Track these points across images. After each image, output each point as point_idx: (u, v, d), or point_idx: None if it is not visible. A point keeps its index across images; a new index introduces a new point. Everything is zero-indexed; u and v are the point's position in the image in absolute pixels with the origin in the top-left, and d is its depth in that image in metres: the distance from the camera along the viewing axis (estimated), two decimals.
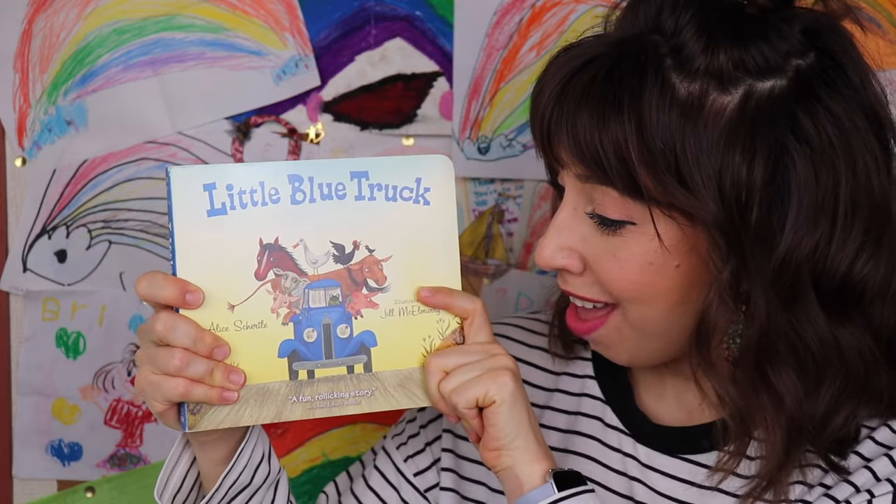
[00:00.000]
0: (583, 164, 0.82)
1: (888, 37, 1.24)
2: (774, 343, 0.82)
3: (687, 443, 0.92)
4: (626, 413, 0.96)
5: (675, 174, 0.79)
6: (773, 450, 0.84)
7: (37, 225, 1.29)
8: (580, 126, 0.81)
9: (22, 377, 1.31)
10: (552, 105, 0.83)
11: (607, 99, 0.80)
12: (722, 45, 0.80)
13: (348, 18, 1.26)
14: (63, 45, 1.26)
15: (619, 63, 0.81)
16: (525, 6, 1.25)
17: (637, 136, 0.79)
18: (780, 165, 0.79)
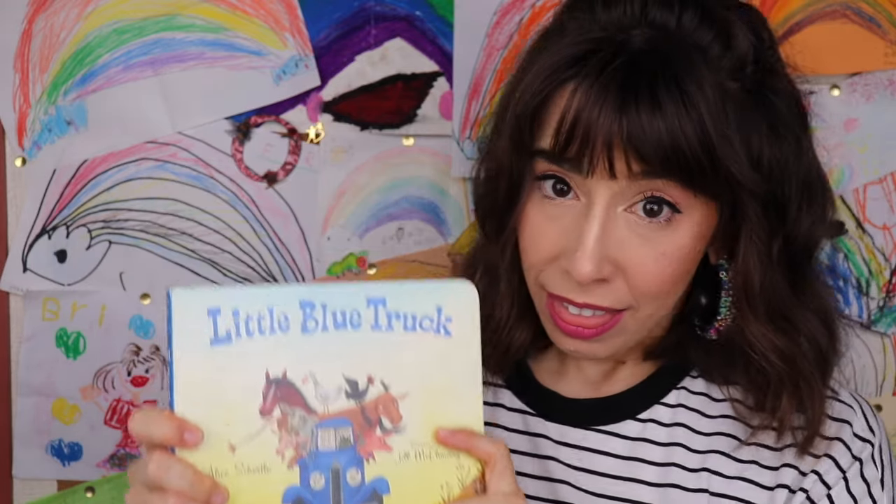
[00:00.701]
0: (649, 159, 0.81)
1: (888, 37, 1.24)
2: (791, 297, 0.89)
3: (601, 414, 0.94)
4: (530, 393, 0.97)
5: (745, 157, 0.83)
6: (820, 398, 0.90)
7: (37, 225, 1.29)
8: (663, 135, 0.80)
9: (22, 377, 1.31)
10: (614, 118, 0.80)
11: (679, 102, 0.80)
12: (731, 43, 0.85)
13: (348, 18, 1.26)
14: (63, 45, 1.26)
15: (670, 66, 0.81)
16: (525, 6, 1.25)
17: (714, 129, 0.81)
18: (777, 141, 0.86)
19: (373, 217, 1.29)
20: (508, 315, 0.94)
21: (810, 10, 1.24)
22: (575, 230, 0.85)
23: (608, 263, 0.84)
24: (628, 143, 0.80)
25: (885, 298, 1.28)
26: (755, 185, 0.83)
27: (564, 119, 0.82)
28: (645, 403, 0.95)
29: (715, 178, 0.82)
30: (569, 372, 0.97)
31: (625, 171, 0.82)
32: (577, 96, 0.82)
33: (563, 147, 0.83)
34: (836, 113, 1.25)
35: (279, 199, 1.29)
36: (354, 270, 1.30)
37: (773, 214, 0.86)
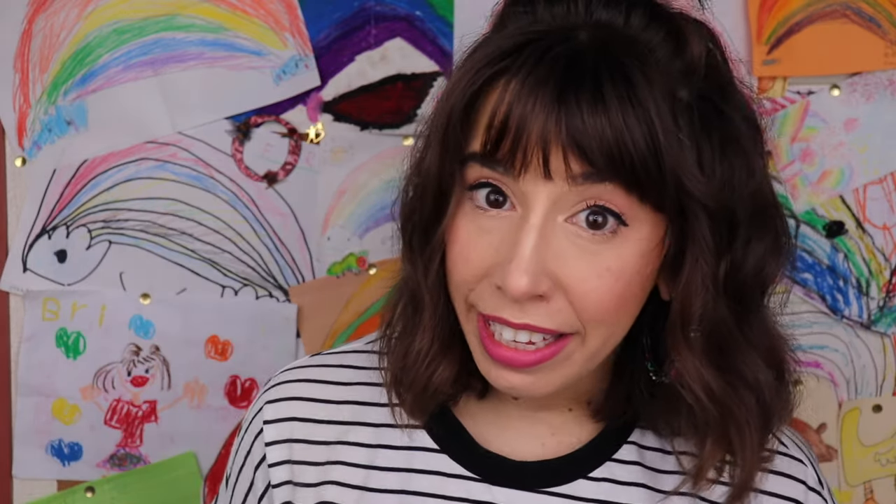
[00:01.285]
0: (591, 158, 0.73)
1: (888, 37, 1.24)
2: (735, 331, 0.80)
3: (550, 476, 0.86)
4: (471, 456, 0.87)
5: (690, 166, 0.75)
6: (753, 449, 0.82)
7: (37, 225, 1.29)
8: (606, 131, 0.72)
9: (22, 377, 1.31)
10: (552, 112, 0.73)
11: (626, 100, 0.73)
12: (683, 47, 0.79)
13: (348, 18, 1.26)
14: (63, 45, 1.26)
15: (617, 62, 0.75)
16: None
17: (663, 131, 0.74)
18: (728, 159, 0.79)
19: (373, 217, 1.29)
20: (430, 347, 0.84)
21: (810, 10, 1.24)
22: (509, 241, 0.76)
23: (546, 278, 0.75)
24: (567, 138, 0.72)
25: (885, 298, 1.28)
26: (705, 196, 0.75)
27: (496, 113, 0.75)
28: (597, 461, 0.87)
29: (662, 185, 0.74)
30: (510, 431, 0.88)
31: (562, 170, 0.74)
32: (511, 88, 0.74)
33: (493, 144, 0.75)
34: (836, 113, 1.25)
35: (279, 199, 1.29)
36: (354, 270, 1.30)
37: (721, 236, 0.77)
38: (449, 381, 0.85)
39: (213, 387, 1.31)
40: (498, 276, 0.76)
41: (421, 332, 0.84)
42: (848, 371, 1.30)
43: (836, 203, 1.27)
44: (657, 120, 0.73)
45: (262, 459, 0.93)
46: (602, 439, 0.88)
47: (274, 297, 1.30)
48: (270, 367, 1.30)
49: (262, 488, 0.93)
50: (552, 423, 0.88)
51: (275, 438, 0.92)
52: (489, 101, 0.76)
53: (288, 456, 0.91)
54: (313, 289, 1.30)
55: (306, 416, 0.92)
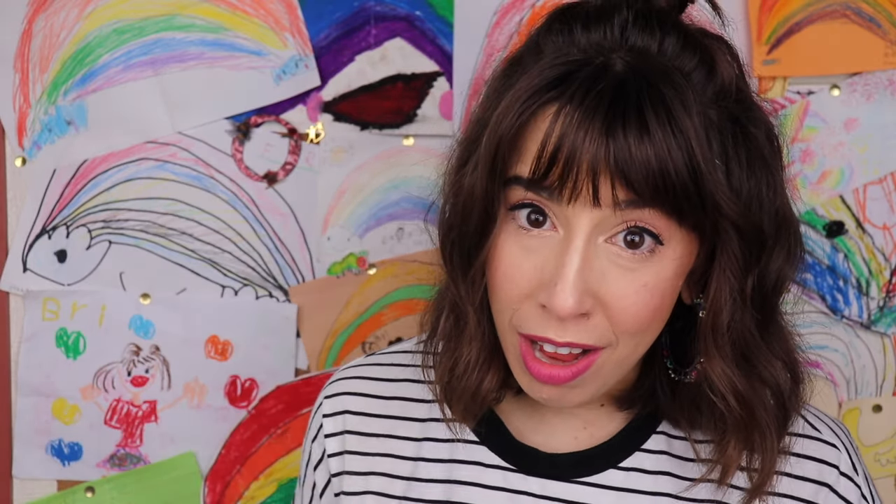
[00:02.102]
0: (639, 190, 0.77)
1: (888, 37, 1.24)
2: (757, 338, 0.85)
3: (583, 466, 0.91)
4: (508, 448, 0.93)
5: (725, 187, 0.79)
6: (772, 450, 0.87)
7: (37, 225, 1.29)
8: (651, 160, 0.76)
9: (22, 377, 1.31)
10: (601, 142, 0.76)
11: (668, 128, 0.76)
12: (714, 70, 0.83)
13: (348, 18, 1.26)
14: (63, 45, 1.26)
15: (658, 90, 0.78)
16: (525, 6, 1.25)
17: (703, 156, 0.77)
18: (754, 174, 0.83)
19: (373, 217, 1.29)
20: (477, 357, 0.88)
21: (810, 10, 1.24)
22: (553, 263, 0.80)
23: (589, 297, 0.79)
24: (616, 168, 0.76)
25: (885, 298, 1.28)
26: (737, 217, 0.80)
27: (546, 143, 0.77)
28: (626, 451, 0.92)
29: (701, 208, 0.78)
30: (545, 425, 0.94)
31: (609, 198, 0.77)
32: (561, 119, 0.77)
33: (543, 173, 0.78)
34: (836, 113, 1.25)
35: (279, 199, 1.29)
36: (354, 270, 1.30)
37: (749, 250, 0.82)
38: (495, 387, 0.89)
39: (213, 387, 1.31)
40: (543, 296, 0.80)
41: (467, 344, 0.88)
42: (848, 371, 1.30)
43: (836, 203, 1.27)
44: (696, 146, 0.77)
45: (322, 454, 1.00)
46: (631, 430, 0.92)
47: (274, 297, 1.30)
48: (270, 367, 1.30)
49: (322, 484, 1.00)
50: (585, 418, 0.93)
51: (332, 431, 0.99)
52: (537, 127, 0.79)
53: (342, 447, 0.98)
54: (313, 289, 1.30)
55: (359, 410, 0.99)
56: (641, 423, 0.93)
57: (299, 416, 1.31)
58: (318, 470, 1.00)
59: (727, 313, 0.82)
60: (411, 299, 1.31)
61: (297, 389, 1.30)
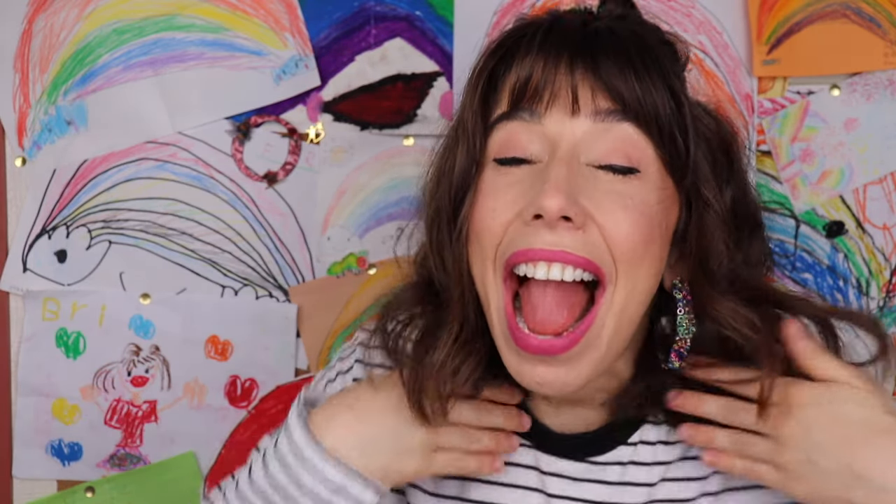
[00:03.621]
0: (618, 97, 0.80)
1: (888, 37, 1.24)
2: (741, 265, 0.89)
3: (592, 446, 0.93)
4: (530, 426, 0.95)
5: (696, 131, 0.84)
6: (775, 360, 0.86)
7: (37, 225, 1.29)
8: (621, 67, 0.80)
9: (22, 377, 1.31)
10: (570, 49, 0.80)
11: (647, 57, 0.81)
12: (676, 52, 0.89)
13: (348, 18, 1.26)
14: (63, 45, 1.26)
15: (632, 31, 0.84)
16: (525, 6, 1.25)
17: (682, 95, 0.82)
18: (707, 120, 0.89)
19: (373, 217, 1.29)
20: (457, 337, 0.88)
21: (810, 10, 1.24)
22: (538, 182, 0.81)
23: (576, 204, 0.80)
24: (596, 78, 0.80)
25: (885, 298, 1.28)
26: (705, 153, 0.86)
27: (522, 68, 0.81)
28: (632, 429, 0.94)
29: (680, 138, 0.82)
30: (562, 411, 0.95)
31: (590, 105, 0.81)
32: (533, 47, 0.81)
33: (521, 91, 0.81)
34: (836, 113, 1.25)
35: (279, 199, 1.29)
36: (354, 270, 1.30)
37: (727, 181, 0.88)
38: (475, 373, 0.88)
39: (213, 387, 1.31)
40: (530, 208, 0.80)
41: (448, 328, 0.88)
42: None
43: (836, 203, 1.27)
44: (678, 85, 0.82)
45: None
46: (614, 424, 0.94)
47: (274, 297, 1.30)
48: (270, 367, 1.30)
49: None
50: (587, 419, 0.94)
51: None
52: (512, 72, 0.83)
53: None
54: (313, 289, 1.30)
55: None
56: (625, 419, 0.94)
57: None
58: None
59: (715, 245, 0.85)
60: None
61: (297, 389, 1.30)
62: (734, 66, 1.24)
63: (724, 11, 1.24)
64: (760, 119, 1.25)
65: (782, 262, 1.27)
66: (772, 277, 1.20)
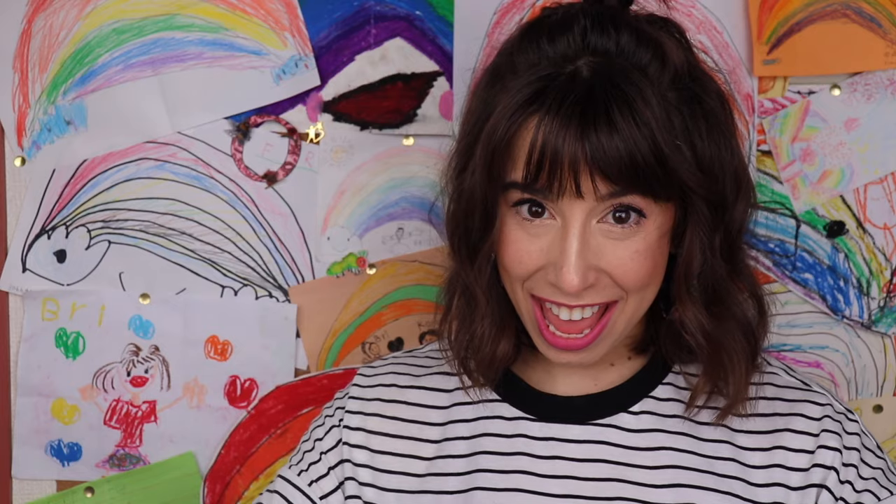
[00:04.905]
0: (616, 181, 0.88)
1: (888, 37, 1.24)
2: (727, 280, 0.97)
3: (595, 409, 1.01)
4: (527, 400, 1.03)
5: (693, 161, 0.91)
6: (741, 374, 0.97)
7: (36, 225, 1.29)
8: (622, 154, 0.88)
9: (21, 377, 1.31)
10: (577, 141, 0.88)
11: (633, 123, 0.88)
12: (667, 60, 0.93)
13: (348, 18, 1.26)
14: (62, 45, 1.26)
15: (612, 85, 0.89)
16: (525, 6, 1.25)
17: (666, 143, 0.89)
18: (714, 140, 0.94)
19: (373, 217, 1.29)
20: (490, 331, 1.00)
21: (810, 10, 1.24)
22: (556, 246, 0.92)
23: (591, 271, 0.92)
24: (592, 164, 0.88)
25: (886, 298, 1.28)
26: (702, 188, 0.92)
27: (533, 151, 0.89)
28: (636, 398, 1.01)
29: (669, 185, 0.90)
30: (558, 381, 1.03)
31: (591, 190, 0.89)
32: (542, 129, 0.89)
33: (534, 176, 0.90)
34: (836, 113, 1.25)
35: (279, 199, 1.29)
36: (354, 270, 1.30)
37: (714, 210, 0.94)
38: (509, 353, 1.01)
39: (213, 387, 1.31)
40: (552, 275, 0.92)
41: (480, 320, 1.00)
42: (848, 371, 1.30)
43: (837, 203, 1.27)
44: (659, 134, 0.89)
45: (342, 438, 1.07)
46: (638, 381, 1.02)
47: (274, 297, 1.30)
48: (270, 367, 1.30)
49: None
50: (596, 375, 1.02)
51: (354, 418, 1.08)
52: (523, 138, 0.91)
53: (363, 424, 1.07)
54: (313, 289, 1.30)
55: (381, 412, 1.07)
56: (647, 375, 1.02)
57: (299, 416, 1.31)
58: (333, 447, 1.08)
59: (697, 264, 0.95)
60: (411, 299, 1.30)
61: (297, 389, 1.30)
62: (734, 65, 1.24)
63: (725, 11, 1.24)
64: (761, 119, 1.25)
65: (783, 262, 1.27)
66: (768, 276, 1.24)
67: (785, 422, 0.98)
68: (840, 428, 0.98)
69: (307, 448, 1.08)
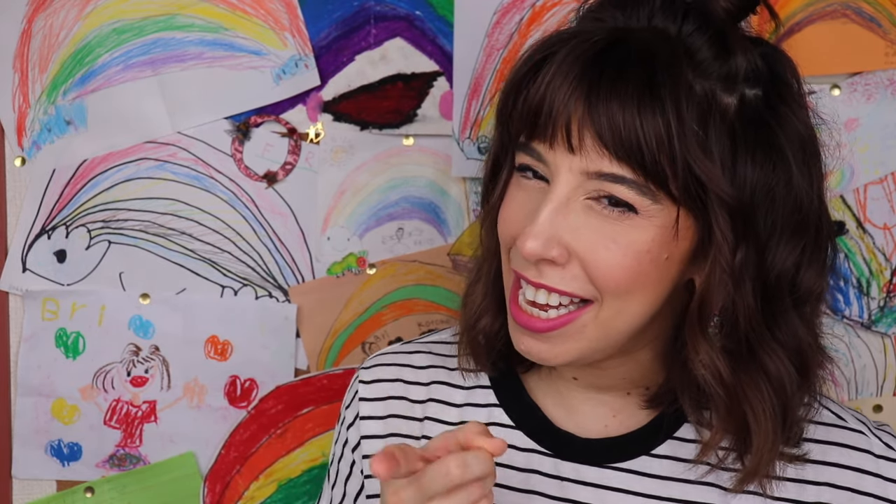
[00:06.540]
0: (612, 151, 0.80)
1: (889, 36, 1.24)
2: (761, 328, 0.85)
3: (616, 452, 0.93)
4: (543, 433, 0.95)
5: (707, 162, 0.81)
6: (766, 436, 0.86)
7: (36, 225, 1.29)
8: (617, 114, 0.79)
9: (21, 377, 1.31)
10: (577, 90, 0.81)
11: (644, 90, 0.80)
12: (727, 54, 0.85)
13: (348, 18, 1.26)
14: (62, 45, 1.26)
15: (645, 56, 0.81)
16: (525, 6, 1.25)
17: (678, 126, 0.80)
18: (767, 167, 0.84)
19: (373, 217, 1.29)
20: (481, 300, 0.95)
21: (810, 10, 1.24)
22: (536, 209, 0.85)
23: (557, 245, 0.83)
24: (585, 118, 0.81)
25: (886, 298, 1.28)
26: (722, 192, 0.81)
27: (531, 97, 0.84)
28: (659, 439, 0.93)
29: (675, 180, 0.81)
30: (576, 413, 0.96)
31: (579, 146, 0.82)
32: (543, 72, 0.83)
33: (531, 124, 0.84)
34: (837, 113, 1.25)
35: (279, 199, 1.29)
36: (354, 270, 1.30)
37: (745, 236, 0.83)
38: (495, 331, 0.95)
39: (213, 387, 1.31)
40: (520, 238, 0.84)
41: (476, 285, 0.96)
42: (848, 371, 1.30)
43: (837, 203, 1.27)
44: (673, 116, 0.79)
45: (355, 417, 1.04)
46: (662, 419, 0.93)
47: (274, 298, 1.30)
48: (270, 367, 1.30)
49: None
50: (613, 406, 0.95)
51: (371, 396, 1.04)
52: (525, 100, 0.85)
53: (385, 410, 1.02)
54: (313, 289, 1.30)
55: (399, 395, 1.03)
56: (671, 414, 0.93)
57: (299, 416, 1.31)
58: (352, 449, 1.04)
59: (719, 295, 0.83)
60: (411, 299, 1.30)
61: (297, 390, 1.30)
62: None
63: None
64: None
65: None
66: None
67: (819, 473, 0.91)
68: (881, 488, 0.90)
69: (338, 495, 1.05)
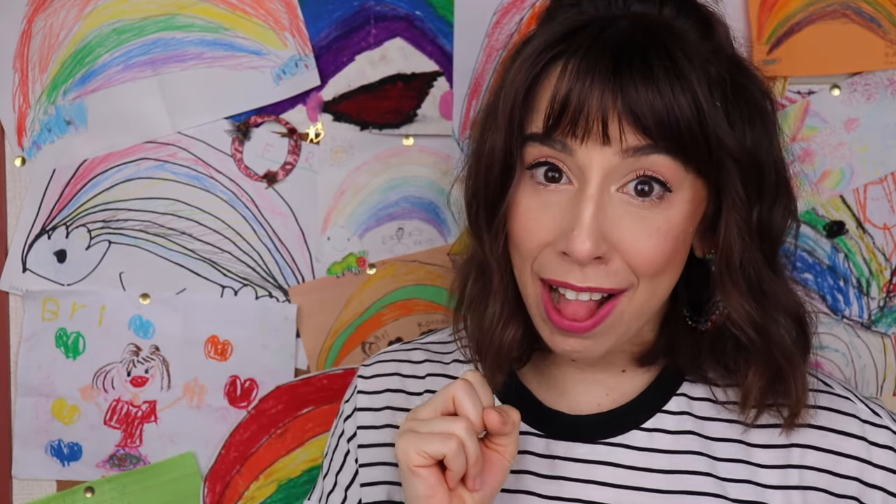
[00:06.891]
0: (655, 136, 0.82)
1: (888, 37, 1.24)
2: (768, 270, 0.91)
3: (606, 427, 0.95)
4: (534, 415, 0.97)
5: (730, 131, 0.85)
6: (799, 366, 0.91)
7: (36, 225, 1.29)
8: (656, 101, 0.81)
9: (21, 377, 1.31)
10: (611, 83, 0.82)
11: (671, 75, 0.82)
12: (711, 31, 0.90)
13: (348, 18, 1.26)
14: (63, 45, 1.26)
15: (659, 43, 0.84)
16: (525, 6, 1.25)
17: (705, 102, 0.83)
18: (759, 128, 0.89)
19: (373, 217, 1.29)
20: (501, 312, 0.94)
21: (810, 10, 1.24)
22: (570, 213, 0.85)
23: (604, 242, 0.84)
24: (624, 109, 0.82)
25: (886, 298, 1.28)
26: (738, 151, 0.85)
27: (556, 94, 0.83)
28: (648, 413, 0.95)
29: (706, 146, 0.84)
30: (569, 394, 0.98)
31: (618, 138, 0.83)
32: (569, 70, 0.83)
33: (555, 120, 0.84)
34: (836, 113, 1.25)
35: (279, 199, 1.29)
36: (354, 270, 1.30)
37: (750, 186, 0.88)
38: (518, 340, 0.95)
39: (213, 387, 1.31)
40: (562, 243, 0.85)
41: (492, 299, 0.94)
42: (848, 371, 1.30)
43: (837, 203, 1.27)
44: (699, 90, 0.83)
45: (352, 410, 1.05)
46: (651, 394, 0.96)
47: (274, 298, 1.30)
48: (270, 367, 1.30)
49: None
50: (607, 384, 0.97)
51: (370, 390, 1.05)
52: (548, 84, 0.85)
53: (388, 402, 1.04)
54: (313, 289, 1.30)
55: (397, 388, 1.04)
56: (661, 387, 0.96)
57: (299, 416, 1.31)
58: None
59: (738, 251, 0.87)
60: (411, 299, 1.30)
61: (297, 389, 1.30)
62: None
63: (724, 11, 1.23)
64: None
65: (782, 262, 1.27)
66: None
67: (803, 436, 0.93)
68: (866, 449, 0.92)
69: (328, 489, 1.05)
